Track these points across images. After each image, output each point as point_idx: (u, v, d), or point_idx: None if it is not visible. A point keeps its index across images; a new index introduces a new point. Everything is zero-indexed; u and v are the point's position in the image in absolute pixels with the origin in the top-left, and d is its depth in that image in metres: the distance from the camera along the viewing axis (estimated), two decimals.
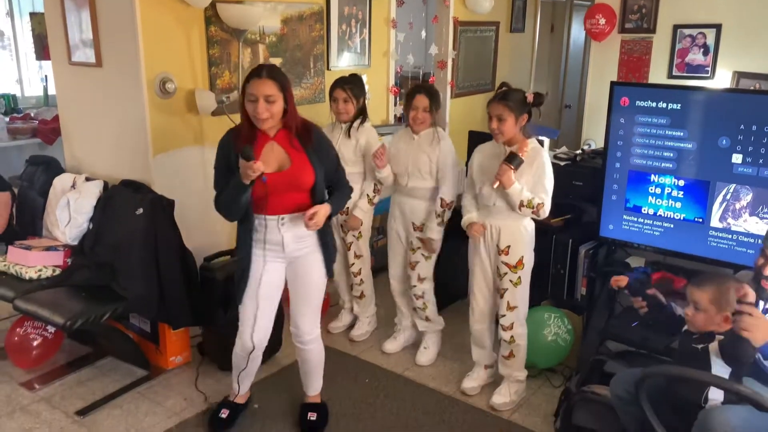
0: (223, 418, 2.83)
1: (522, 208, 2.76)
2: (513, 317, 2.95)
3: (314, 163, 2.50)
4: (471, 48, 5.58)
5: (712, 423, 1.98)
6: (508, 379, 3.07)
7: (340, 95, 3.31)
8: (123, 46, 3.20)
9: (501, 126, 2.74)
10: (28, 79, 6.09)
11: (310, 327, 2.69)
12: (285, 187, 2.48)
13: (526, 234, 2.88)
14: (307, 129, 2.53)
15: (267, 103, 2.37)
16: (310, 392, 2.88)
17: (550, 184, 2.78)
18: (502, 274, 2.91)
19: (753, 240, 2.77)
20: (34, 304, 2.93)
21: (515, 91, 2.78)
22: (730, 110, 2.76)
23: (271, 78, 2.38)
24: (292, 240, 2.55)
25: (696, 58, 4.84)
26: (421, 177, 3.18)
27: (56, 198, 3.41)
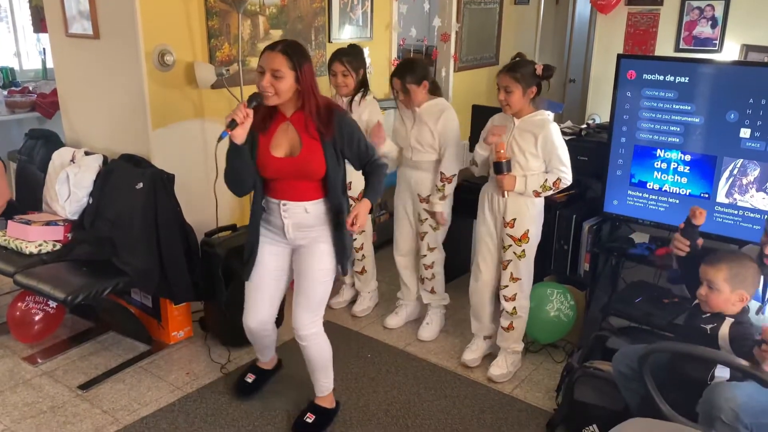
0: (248, 382, 2.84)
1: (540, 194, 2.78)
2: (516, 288, 2.95)
3: (328, 155, 2.35)
4: (475, 20, 5.49)
5: (718, 399, 1.97)
6: (505, 351, 3.08)
7: (338, 69, 3.24)
8: (121, 17, 3.14)
9: (508, 98, 2.71)
10: (26, 52, 6.00)
11: (305, 321, 2.50)
12: (292, 174, 2.37)
13: (533, 208, 2.85)
14: (330, 116, 2.34)
15: (273, 78, 2.24)
16: (317, 392, 2.69)
17: (564, 153, 2.75)
18: (507, 246, 2.90)
19: (759, 216, 2.74)
20: (35, 279, 2.91)
21: (525, 62, 2.73)
22: (739, 84, 2.71)
23: (284, 53, 2.25)
24: (293, 227, 2.44)
25: (704, 31, 4.75)
26: (424, 150, 3.14)
27: (55, 172, 3.38)
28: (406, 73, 3.04)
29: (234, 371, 3.07)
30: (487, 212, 2.93)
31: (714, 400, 2.00)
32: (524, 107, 2.75)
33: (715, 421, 1.99)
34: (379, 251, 3.75)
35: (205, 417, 2.75)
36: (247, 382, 2.86)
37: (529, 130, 2.74)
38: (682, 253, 2.32)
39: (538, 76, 2.71)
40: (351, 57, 3.25)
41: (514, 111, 2.75)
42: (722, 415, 1.97)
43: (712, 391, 2.04)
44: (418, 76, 3.05)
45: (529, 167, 2.76)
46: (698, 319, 2.19)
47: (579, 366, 2.63)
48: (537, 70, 2.70)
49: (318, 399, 2.71)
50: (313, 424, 2.66)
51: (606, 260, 3.25)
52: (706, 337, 2.12)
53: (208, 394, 2.89)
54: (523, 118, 2.76)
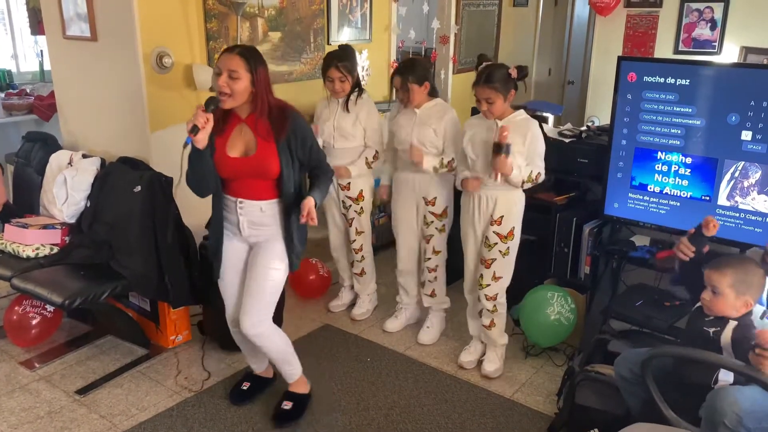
0: (243, 389, 2.84)
1: (524, 184, 2.80)
2: (497, 288, 2.97)
3: (282, 155, 2.41)
4: (473, 22, 5.48)
5: (721, 404, 1.96)
6: (492, 346, 3.11)
7: (335, 75, 3.21)
8: (118, 19, 3.13)
9: (491, 108, 2.74)
10: (24, 54, 5.99)
11: (251, 321, 2.51)
12: (247, 174, 2.42)
13: (519, 205, 2.90)
14: (284, 117, 2.40)
15: (230, 78, 2.30)
16: (286, 379, 2.78)
17: (542, 149, 2.81)
18: (492, 244, 2.90)
19: (761, 218, 2.73)
20: (32, 283, 2.89)
21: (498, 68, 2.74)
22: (741, 86, 2.69)
23: (241, 56, 2.32)
24: (248, 224, 2.51)
25: (703, 33, 4.75)
26: (427, 151, 3.12)
27: (53, 175, 3.36)
28: (409, 71, 3.05)
29: (232, 375, 3.05)
30: (475, 211, 2.93)
31: (717, 405, 1.99)
32: (506, 110, 2.78)
33: (718, 425, 1.97)
34: (378, 253, 3.74)
35: (204, 422, 2.73)
36: (242, 390, 2.86)
37: (516, 130, 2.75)
38: (685, 257, 2.31)
39: (513, 79, 2.73)
40: (346, 61, 3.22)
41: (498, 116, 2.78)
42: (725, 419, 1.95)
43: (715, 395, 2.03)
44: (419, 76, 3.06)
45: (517, 163, 2.77)
46: (701, 322, 2.18)
47: (580, 370, 2.62)
48: (512, 74, 2.72)
49: (290, 386, 2.79)
50: (290, 411, 2.73)
51: (606, 263, 3.24)
52: (709, 340, 2.11)
53: (207, 399, 2.87)
54: (506, 119, 2.78)
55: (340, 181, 3.38)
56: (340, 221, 3.55)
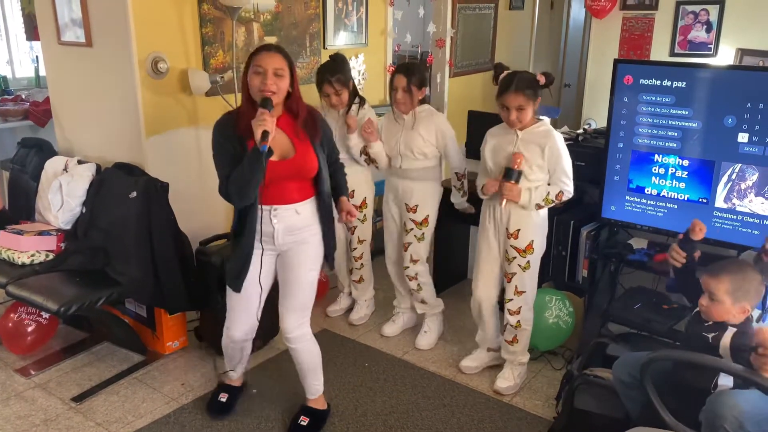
0: (222, 401, 2.80)
1: (541, 208, 2.75)
2: (521, 302, 2.90)
3: (318, 152, 2.42)
4: (469, 26, 5.49)
5: (721, 408, 1.95)
6: (511, 363, 3.03)
7: (330, 91, 3.20)
8: (113, 25, 3.12)
9: (521, 116, 2.65)
10: (19, 60, 5.97)
11: (294, 324, 2.50)
12: (288, 176, 2.37)
13: (537, 218, 2.80)
14: (313, 117, 2.45)
15: (276, 76, 2.25)
16: (307, 394, 2.71)
17: (568, 165, 2.72)
18: (511, 258, 2.84)
19: (758, 221, 2.73)
20: (27, 290, 2.88)
21: (525, 75, 2.67)
22: (737, 88, 2.69)
23: (281, 53, 2.31)
24: (283, 232, 2.43)
25: (699, 36, 4.76)
26: (414, 158, 3.12)
27: (48, 181, 3.34)
28: (414, 73, 3.04)
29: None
30: (489, 224, 2.88)
31: (717, 409, 1.98)
32: (530, 119, 2.72)
33: (718, 429, 1.96)
34: (376, 259, 3.72)
35: (201, 429, 2.71)
36: (221, 402, 2.80)
37: (535, 142, 2.69)
38: (678, 264, 2.30)
39: (541, 86, 2.66)
40: (338, 74, 3.17)
41: (523, 126, 2.71)
42: (726, 423, 1.94)
43: (715, 399, 2.02)
44: (421, 80, 3.07)
45: (533, 178, 2.71)
46: (700, 327, 2.17)
47: (579, 373, 2.60)
48: (540, 81, 2.65)
49: (310, 401, 2.71)
50: (308, 427, 2.66)
51: (604, 266, 3.23)
52: (708, 345, 2.10)
53: (204, 405, 2.85)
54: (526, 130, 2.71)
55: None
56: (341, 230, 3.53)
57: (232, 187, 2.29)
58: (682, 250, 2.29)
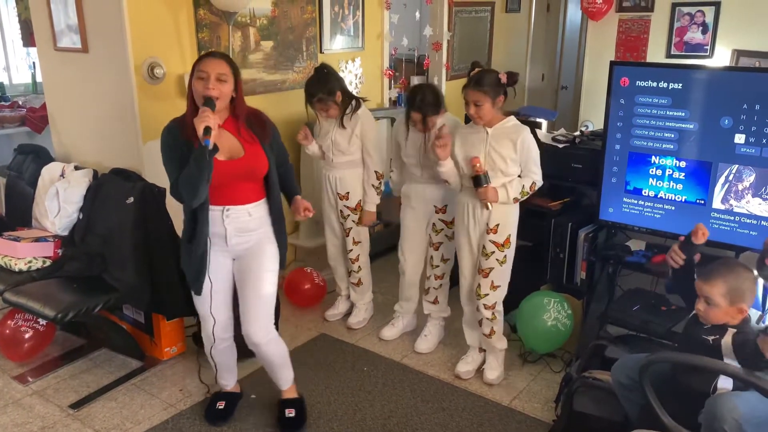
0: (220, 409, 2.80)
1: (518, 200, 2.80)
2: (496, 297, 2.95)
3: (268, 154, 2.47)
4: (466, 29, 5.49)
5: (720, 410, 1.95)
6: (492, 352, 3.09)
7: (317, 107, 3.24)
8: (109, 30, 3.12)
9: (478, 111, 2.73)
10: (16, 66, 5.97)
11: (261, 331, 2.52)
12: (238, 176, 2.41)
13: (515, 213, 2.88)
14: (261, 119, 2.50)
15: (218, 81, 2.30)
16: (282, 386, 2.76)
17: (537, 156, 2.78)
18: (489, 252, 2.88)
19: (756, 221, 2.73)
20: (24, 297, 2.87)
21: (488, 73, 2.74)
22: (733, 89, 2.70)
23: (226, 60, 2.37)
24: (235, 232, 2.45)
25: (695, 37, 4.77)
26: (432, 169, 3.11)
27: (45, 188, 3.34)
28: (427, 108, 2.97)
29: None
30: (469, 220, 2.90)
31: (716, 411, 1.97)
32: (494, 116, 2.76)
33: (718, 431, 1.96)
34: (374, 262, 3.72)
35: None
36: (219, 410, 2.79)
37: (506, 136, 2.75)
38: (676, 265, 2.31)
39: (503, 84, 2.72)
40: (321, 92, 3.17)
41: (486, 122, 2.77)
42: (725, 426, 1.94)
43: (714, 401, 2.01)
44: (437, 107, 3.00)
45: (509, 172, 2.77)
46: (699, 330, 2.16)
47: (578, 376, 2.60)
48: (502, 79, 2.72)
49: (287, 392, 2.78)
50: (297, 418, 2.74)
51: (602, 268, 3.23)
52: (708, 347, 2.09)
53: (202, 411, 2.84)
54: (495, 126, 2.77)
55: (339, 190, 3.38)
56: (338, 230, 3.53)
57: (183, 188, 2.30)
58: (683, 253, 2.29)
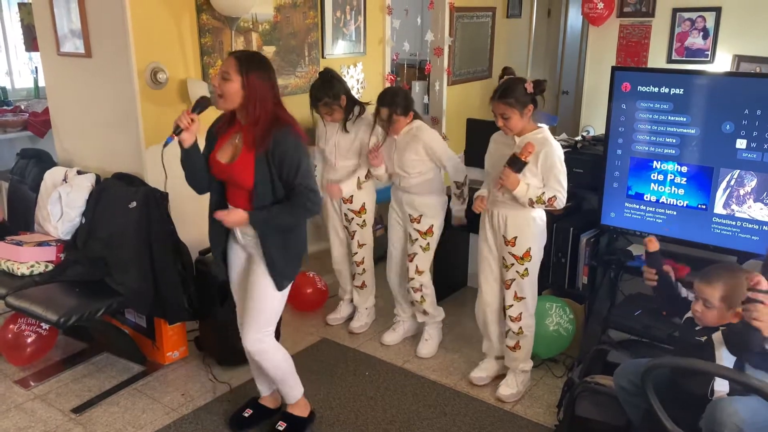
0: (244, 416, 2.76)
1: (533, 204, 2.71)
2: (521, 308, 2.90)
3: (258, 167, 2.32)
4: (467, 34, 5.51)
5: (721, 415, 1.94)
6: (513, 371, 3.02)
7: (322, 111, 3.28)
8: (112, 35, 3.13)
9: (507, 123, 2.68)
10: (18, 71, 5.99)
11: (251, 338, 2.49)
12: (228, 180, 2.44)
13: (534, 225, 2.80)
14: (268, 130, 2.30)
15: (222, 78, 2.30)
16: (285, 400, 2.73)
17: (562, 174, 2.70)
18: (509, 264, 2.85)
19: (757, 227, 2.73)
20: (27, 301, 2.87)
21: (514, 83, 2.67)
22: (735, 95, 2.70)
23: (236, 58, 2.31)
24: (241, 231, 2.50)
25: (695, 42, 4.78)
26: (410, 176, 3.15)
27: (47, 192, 3.34)
28: (395, 104, 3.06)
29: (230, 391, 3.02)
30: (488, 229, 2.90)
31: (717, 416, 1.97)
32: (525, 126, 2.71)
33: None
34: (376, 266, 3.72)
35: None
36: (243, 416, 2.76)
37: None
38: (653, 283, 2.33)
39: (530, 93, 2.66)
40: (326, 96, 3.22)
41: (516, 133, 2.72)
42: (726, 430, 1.94)
43: (714, 406, 2.01)
44: (405, 107, 3.08)
45: (528, 183, 2.71)
46: (692, 332, 2.17)
47: (580, 381, 2.60)
48: (528, 89, 2.65)
49: (289, 407, 2.73)
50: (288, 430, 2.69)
51: (604, 273, 3.23)
52: (701, 347, 2.10)
53: (204, 416, 2.85)
54: (524, 136, 2.72)
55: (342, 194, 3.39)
56: (342, 234, 3.54)
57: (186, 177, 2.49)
58: (651, 267, 2.32)
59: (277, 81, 2.41)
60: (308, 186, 2.36)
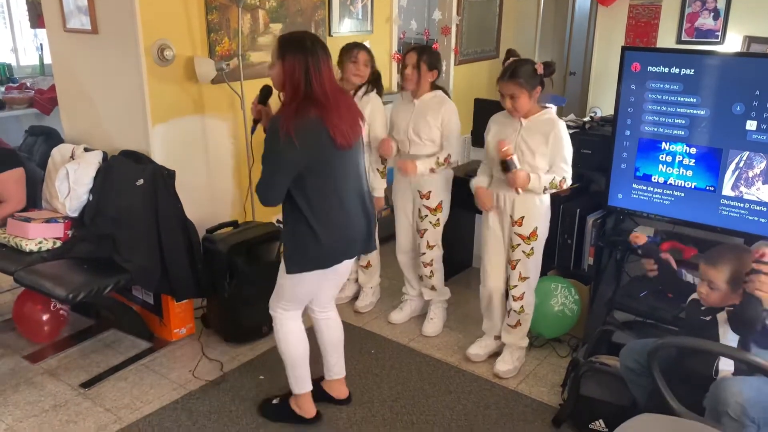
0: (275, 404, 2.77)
1: (546, 191, 2.75)
2: (524, 287, 2.92)
3: None
4: (475, 13, 5.46)
5: (725, 394, 1.96)
6: (510, 347, 3.06)
7: (361, 58, 3.21)
8: (119, 11, 3.11)
9: (515, 104, 2.68)
10: (23, 48, 5.97)
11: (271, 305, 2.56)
12: None
13: (541, 206, 2.82)
14: None
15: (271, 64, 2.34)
16: None
17: (569, 153, 2.73)
18: (515, 245, 2.86)
19: (765, 209, 2.72)
20: (36, 277, 2.89)
21: (524, 64, 2.67)
22: (746, 76, 2.67)
23: (278, 41, 2.31)
24: None
25: (706, 23, 4.73)
26: (422, 143, 3.12)
27: (55, 169, 3.35)
28: (425, 53, 3.07)
29: (236, 368, 3.05)
30: (493, 213, 2.90)
31: (720, 395, 1.99)
32: (532, 108, 2.72)
33: (722, 415, 1.98)
34: (381, 245, 3.73)
35: (209, 414, 2.73)
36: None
37: (539, 130, 2.70)
38: (654, 273, 2.34)
39: (539, 75, 2.67)
40: (371, 54, 3.25)
41: (522, 114, 2.72)
42: (729, 409, 1.95)
43: (718, 385, 2.03)
44: (433, 62, 3.07)
45: (538, 166, 2.72)
46: (698, 312, 2.18)
47: (585, 361, 2.62)
48: (538, 70, 2.66)
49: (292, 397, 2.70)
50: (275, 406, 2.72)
51: (610, 254, 3.23)
52: (705, 325, 2.11)
53: (212, 392, 2.88)
54: (530, 118, 2.73)
55: None
56: None
57: None
58: (649, 258, 2.33)
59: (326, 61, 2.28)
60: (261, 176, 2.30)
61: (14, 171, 3.35)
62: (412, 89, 3.13)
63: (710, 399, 2.05)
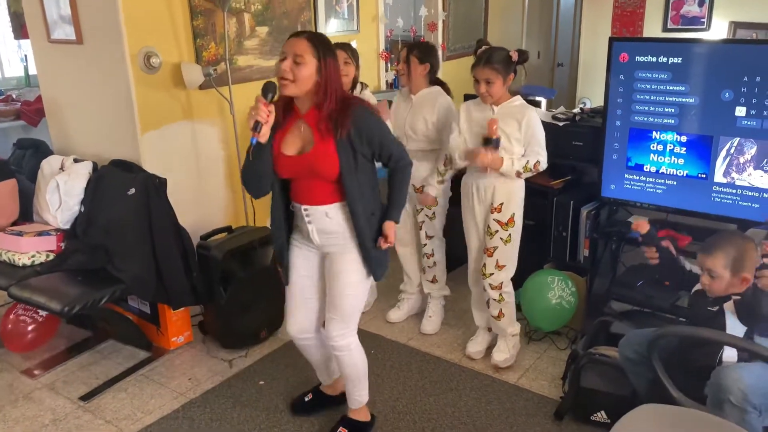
0: (305, 401, 2.76)
1: (520, 175, 2.76)
2: (502, 276, 2.94)
3: (342, 153, 2.14)
4: (461, 8, 5.45)
5: (726, 380, 1.97)
6: (503, 336, 3.08)
7: (340, 56, 3.12)
8: (103, 20, 3.08)
9: (489, 89, 2.73)
10: (8, 60, 5.91)
11: (334, 333, 2.36)
12: (305, 174, 2.20)
13: (519, 191, 2.87)
14: (345, 110, 2.13)
15: (294, 63, 2.08)
16: (349, 404, 2.58)
17: (542, 137, 2.76)
18: (493, 231, 2.88)
19: (758, 194, 2.73)
20: (30, 291, 2.87)
21: (498, 51, 2.74)
22: (733, 62, 2.69)
23: (309, 40, 2.11)
24: (318, 233, 2.28)
25: (691, 10, 4.74)
26: (418, 139, 3.12)
27: (45, 181, 3.32)
28: (415, 46, 3.09)
29: (236, 375, 3.04)
30: (474, 200, 2.91)
31: (722, 382, 2.00)
32: (503, 95, 2.77)
33: (723, 402, 1.98)
34: None
35: (210, 422, 2.72)
36: (303, 401, 2.76)
37: (512, 116, 2.74)
38: (656, 261, 2.34)
39: (513, 62, 2.72)
40: (351, 51, 3.22)
41: (495, 100, 2.76)
42: (730, 396, 1.96)
43: (719, 373, 2.04)
44: (423, 54, 3.06)
45: (513, 152, 2.75)
46: (704, 302, 2.18)
47: (584, 352, 2.62)
48: (512, 57, 2.72)
49: (351, 412, 2.59)
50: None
51: (605, 245, 3.24)
52: (712, 316, 2.11)
53: (212, 399, 2.87)
54: (502, 105, 2.77)
55: None
56: None
57: (243, 179, 2.27)
58: (649, 245, 2.34)
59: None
60: (400, 153, 2.28)
61: (7, 182, 3.33)
62: (405, 84, 3.14)
63: (711, 387, 2.05)
